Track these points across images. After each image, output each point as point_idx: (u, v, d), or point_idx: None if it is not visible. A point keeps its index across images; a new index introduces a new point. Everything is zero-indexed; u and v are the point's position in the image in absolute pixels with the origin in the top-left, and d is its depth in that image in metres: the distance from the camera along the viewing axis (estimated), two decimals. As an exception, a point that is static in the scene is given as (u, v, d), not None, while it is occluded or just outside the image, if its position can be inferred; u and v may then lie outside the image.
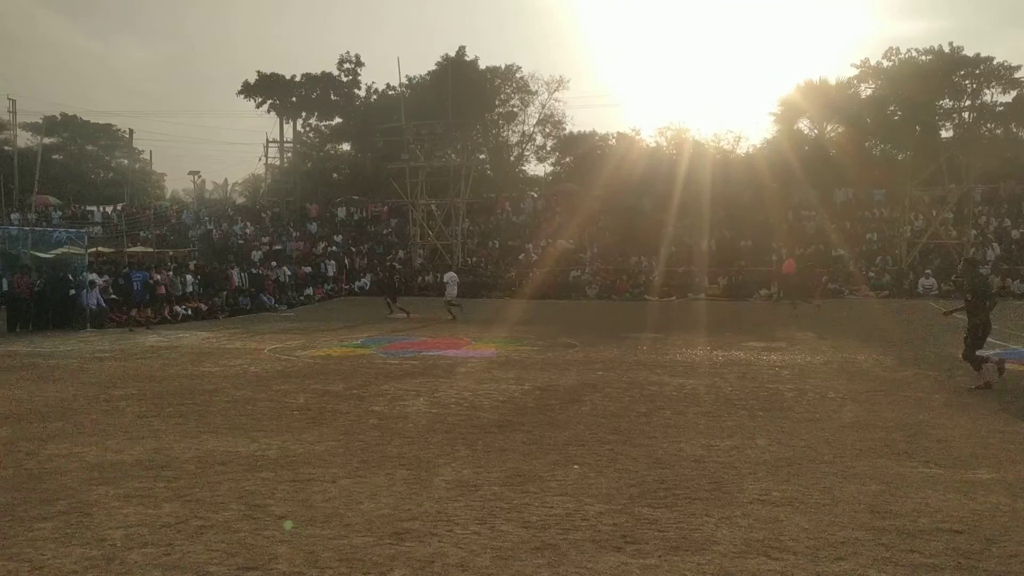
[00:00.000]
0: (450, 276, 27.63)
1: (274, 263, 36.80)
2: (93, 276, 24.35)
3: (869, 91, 52.80)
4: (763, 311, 27.62)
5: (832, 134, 54.36)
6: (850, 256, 36.51)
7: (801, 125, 55.66)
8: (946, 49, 51.31)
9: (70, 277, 23.72)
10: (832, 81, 54.25)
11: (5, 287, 22.41)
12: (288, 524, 5.57)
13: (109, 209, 52.66)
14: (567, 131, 63.14)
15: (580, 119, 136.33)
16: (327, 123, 65.25)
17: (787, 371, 13.19)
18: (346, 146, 67.64)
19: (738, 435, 8.41)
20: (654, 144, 59.69)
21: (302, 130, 63.85)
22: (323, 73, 61.45)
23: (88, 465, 7.30)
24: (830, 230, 39.19)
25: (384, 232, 47.40)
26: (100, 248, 35.65)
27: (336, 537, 5.31)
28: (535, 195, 52.23)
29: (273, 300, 32.06)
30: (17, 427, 9.04)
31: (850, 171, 44.09)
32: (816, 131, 55.35)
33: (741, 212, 41.90)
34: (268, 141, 58.60)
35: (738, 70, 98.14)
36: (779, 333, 19.70)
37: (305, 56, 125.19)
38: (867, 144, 50.78)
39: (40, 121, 62.00)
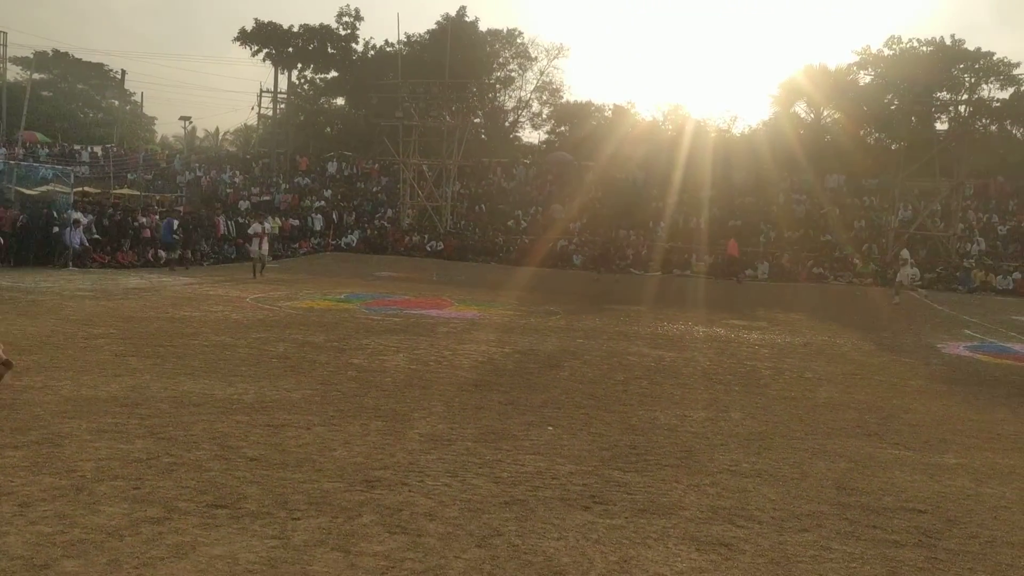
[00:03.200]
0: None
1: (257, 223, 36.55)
2: (78, 215, 24.13)
3: (868, 78, 52.66)
4: (747, 291, 27.74)
5: (828, 120, 54.27)
6: (837, 242, 36.65)
7: (798, 109, 55.51)
8: (947, 41, 51.16)
9: (54, 214, 23.49)
10: (832, 67, 54.08)
11: (-13, 220, 22.19)
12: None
13: (97, 149, 52.01)
14: (564, 99, 62.75)
15: (577, 89, 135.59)
16: (322, 76, 64.40)
17: (766, 350, 13.27)
18: (340, 101, 66.89)
19: (713, 408, 8.48)
20: (650, 119, 59.48)
21: (297, 82, 63.01)
22: (321, 25, 60.55)
23: (62, 398, 7.28)
24: (819, 215, 39.28)
25: (374, 190, 47.11)
26: (86, 188, 35.29)
27: (307, 481, 5.33)
28: (528, 162, 51.96)
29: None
30: (-7, 358, 8.98)
31: (844, 158, 44.08)
32: (813, 116, 55.23)
33: (732, 192, 41.90)
34: (262, 91, 57.88)
35: (737, 50, 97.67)
36: (760, 313, 19.81)
37: (304, 6, 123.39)
38: (862, 132, 50.74)
39: (31, 56, 61.07)
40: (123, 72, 72.20)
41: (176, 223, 25.45)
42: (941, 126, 42.39)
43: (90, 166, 46.57)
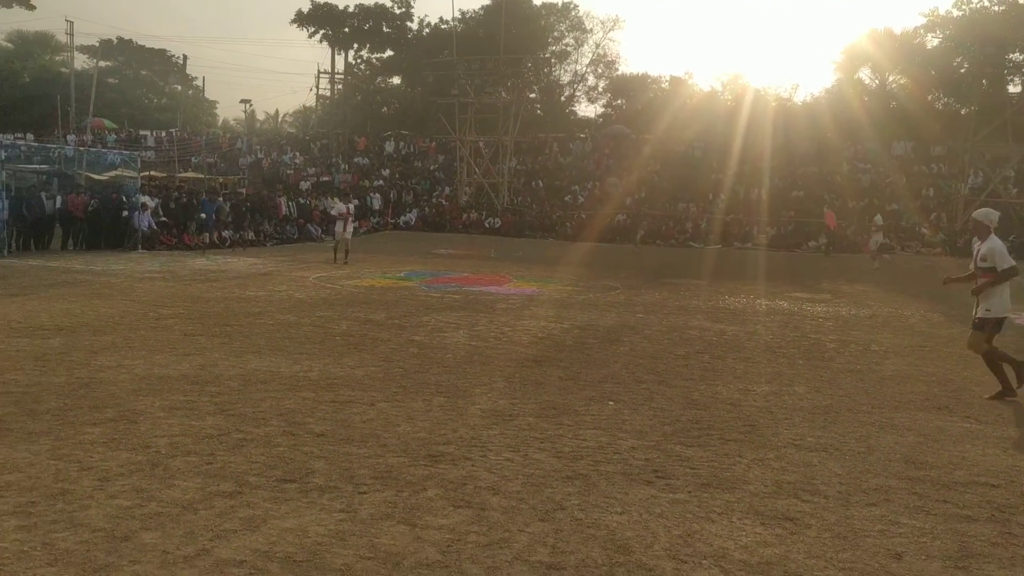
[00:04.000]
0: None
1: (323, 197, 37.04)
2: (145, 198, 24.77)
3: (936, 41, 50.89)
4: (810, 262, 27.22)
5: (894, 85, 52.65)
6: (903, 211, 35.68)
7: (862, 75, 53.95)
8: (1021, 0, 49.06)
9: (123, 199, 24.16)
10: (897, 31, 52.39)
11: (59, 205, 22.90)
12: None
13: (162, 134, 53.29)
14: (619, 72, 62.07)
15: (632, 61, 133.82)
16: (378, 56, 64.86)
17: (830, 322, 13.03)
18: (396, 80, 67.31)
19: (776, 382, 8.37)
20: (709, 90, 58.48)
21: (353, 62, 63.53)
22: (376, 4, 60.88)
23: (136, 377, 7.52)
24: (885, 184, 38.25)
25: (431, 168, 47.37)
26: (152, 172, 36.22)
27: (372, 456, 5.43)
28: (584, 136, 51.61)
29: (320, 230, 32.36)
30: (70, 338, 9.32)
31: (911, 124, 42.76)
32: (878, 82, 53.64)
33: (795, 162, 41.05)
34: (319, 72, 58.50)
35: (798, 17, 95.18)
36: (825, 285, 19.44)
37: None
38: (930, 97, 49.11)
39: (96, 44, 62.67)
40: (184, 57, 73.72)
41: (217, 204, 25.61)
42: (1014, 88, 40.86)
43: (155, 150, 47.76)
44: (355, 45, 62.79)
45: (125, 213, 23.84)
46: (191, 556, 3.87)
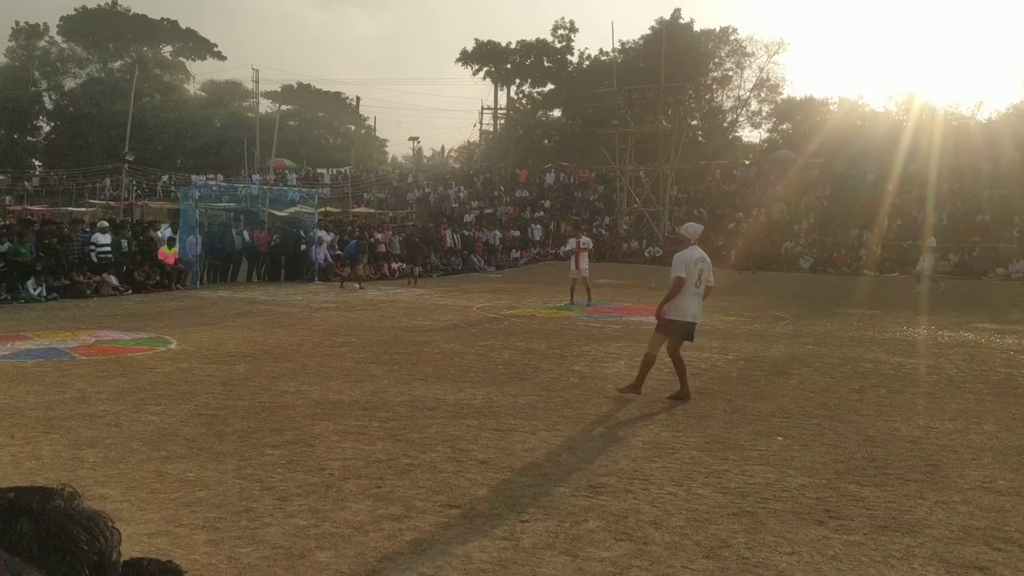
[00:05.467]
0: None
1: (485, 227, 37.96)
2: (322, 233, 26.22)
3: None
4: (1000, 291, 25.24)
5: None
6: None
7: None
8: None
9: (302, 233, 25.68)
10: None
11: (246, 240, 24.61)
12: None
13: (337, 172, 56.32)
14: (784, 96, 60.22)
15: (798, 85, 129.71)
16: (539, 90, 66.00)
17: (1023, 356, 12.04)
18: (557, 112, 68.19)
19: (962, 419, 7.80)
20: (882, 110, 55.69)
21: (515, 97, 64.96)
22: (537, 40, 62.08)
23: (312, 402, 7.94)
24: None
25: (591, 198, 47.54)
26: (328, 208, 38.27)
27: (534, 485, 5.48)
28: (748, 162, 50.33)
29: (483, 261, 33.14)
30: (253, 365, 9.97)
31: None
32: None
33: (979, 184, 38.31)
34: (483, 108, 60.24)
35: (979, 27, 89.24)
36: (1016, 315, 17.97)
37: (520, 22, 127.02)
38: None
39: (279, 90, 67.32)
40: (357, 99, 77.76)
41: (358, 243, 25.70)
42: None
43: (331, 187, 50.49)
44: (517, 80, 64.23)
45: (303, 247, 25.34)
46: (362, 576, 4.02)
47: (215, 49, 74.26)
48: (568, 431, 6.99)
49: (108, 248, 19.66)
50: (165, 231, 22.32)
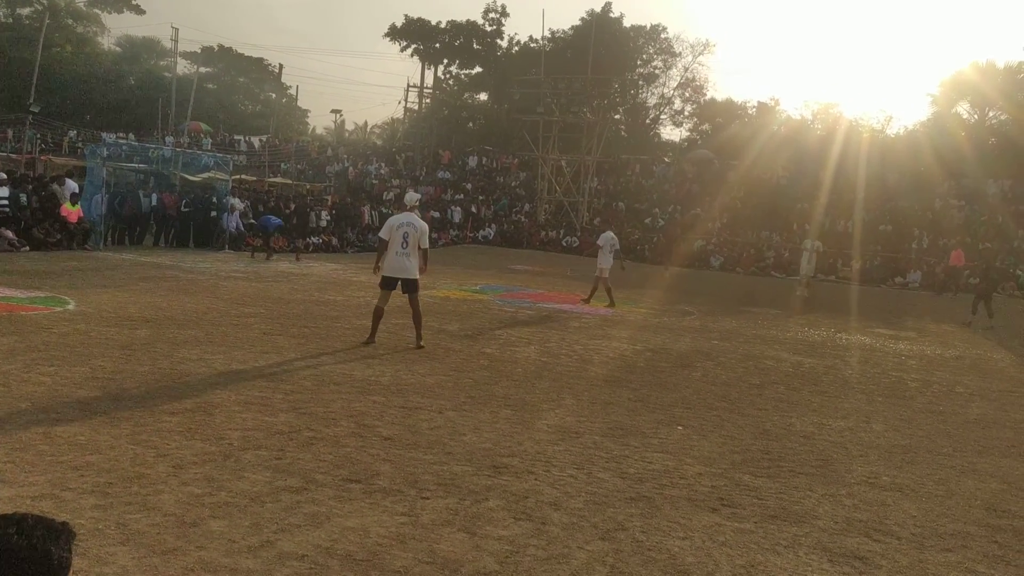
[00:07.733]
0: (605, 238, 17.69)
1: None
2: (235, 201, 25.55)
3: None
4: (895, 299, 26.37)
5: (994, 121, 50.77)
6: (997, 251, 34.27)
7: (960, 109, 52.20)
8: None
9: (214, 200, 24.97)
10: (1000, 64, 50.57)
11: (155, 203, 23.79)
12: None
13: (255, 140, 54.93)
14: (707, 97, 61.42)
15: (720, 86, 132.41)
16: (467, 72, 65.71)
17: (914, 361, 12.60)
18: (483, 96, 68.02)
19: (853, 417, 8.13)
20: (798, 117, 57.37)
21: (442, 77, 64.51)
22: (468, 21, 61.79)
23: (215, 371, 7.75)
24: (980, 222, 36.85)
25: (512, 184, 47.66)
26: (243, 176, 37.32)
27: (437, 463, 5.47)
28: (668, 160, 51.21)
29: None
30: (155, 330, 9.66)
31: (1012, 161, 41.10)
32: (976, 116, 51.80)
33: (886, 195, 39.88)
34: (409, 85, 59.60)
35: (893, 46, 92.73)
36: (910, 323, 18.81)
37: (451, 3, 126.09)
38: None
39: (198, 51, 65.15)
40: (280, 66, 75.78)
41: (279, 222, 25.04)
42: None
43: (247, 155, 49.23)
44: (445, 60, 63.79)
45: (214, 213, 24.63)
46: (255, 547, 3.95)
47: (133, 2, 71.22)
48: (475, 412, 7.00)
49: (6, 201, 18.75)
50: (71, 185, 21.30)
